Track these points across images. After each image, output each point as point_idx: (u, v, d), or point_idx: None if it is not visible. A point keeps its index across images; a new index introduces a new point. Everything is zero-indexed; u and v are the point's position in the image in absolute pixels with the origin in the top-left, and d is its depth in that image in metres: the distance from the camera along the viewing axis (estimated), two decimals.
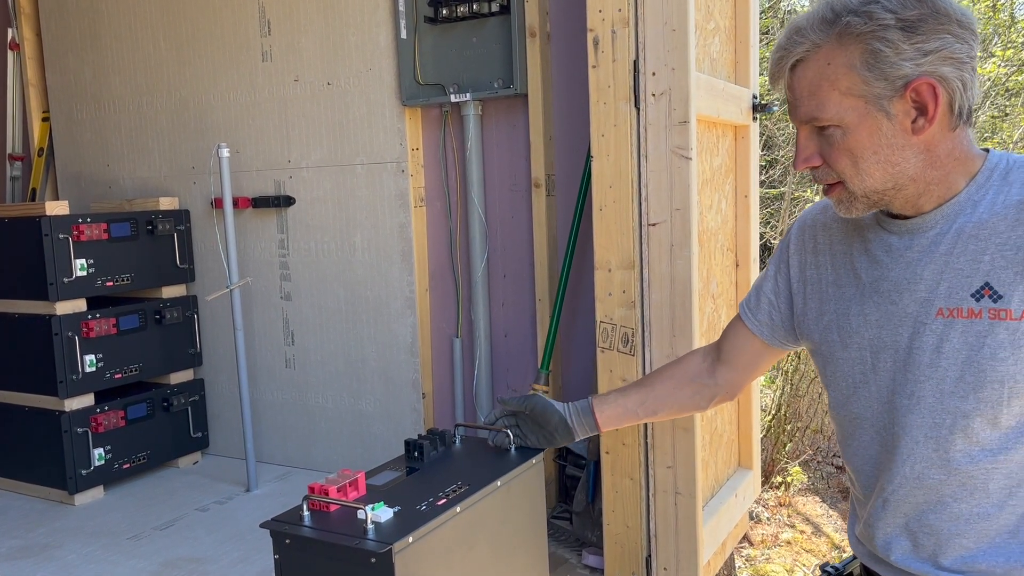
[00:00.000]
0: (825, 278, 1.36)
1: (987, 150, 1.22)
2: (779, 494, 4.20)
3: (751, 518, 3.89)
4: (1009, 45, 6.20)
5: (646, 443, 2.30)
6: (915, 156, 1.17)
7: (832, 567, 1.47)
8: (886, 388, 1.26)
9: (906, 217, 1.24)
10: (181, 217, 3.54)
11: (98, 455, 3.23)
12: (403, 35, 3.01)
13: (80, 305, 3.19)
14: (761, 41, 3.19)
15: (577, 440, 1.76)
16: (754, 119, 2.79)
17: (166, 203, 3.52)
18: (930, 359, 1.19)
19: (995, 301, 1.14)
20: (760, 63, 2.90)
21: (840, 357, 1.32)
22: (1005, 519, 1.19)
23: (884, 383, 1.26)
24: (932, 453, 1.21)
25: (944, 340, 1.18)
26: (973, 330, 1.15)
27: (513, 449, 1.83)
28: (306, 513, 1.57)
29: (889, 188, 1.19)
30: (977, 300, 1.15)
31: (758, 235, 2.92)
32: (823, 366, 1.38)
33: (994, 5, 6.37)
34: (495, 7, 2.83)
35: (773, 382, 4.78)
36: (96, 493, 3.26)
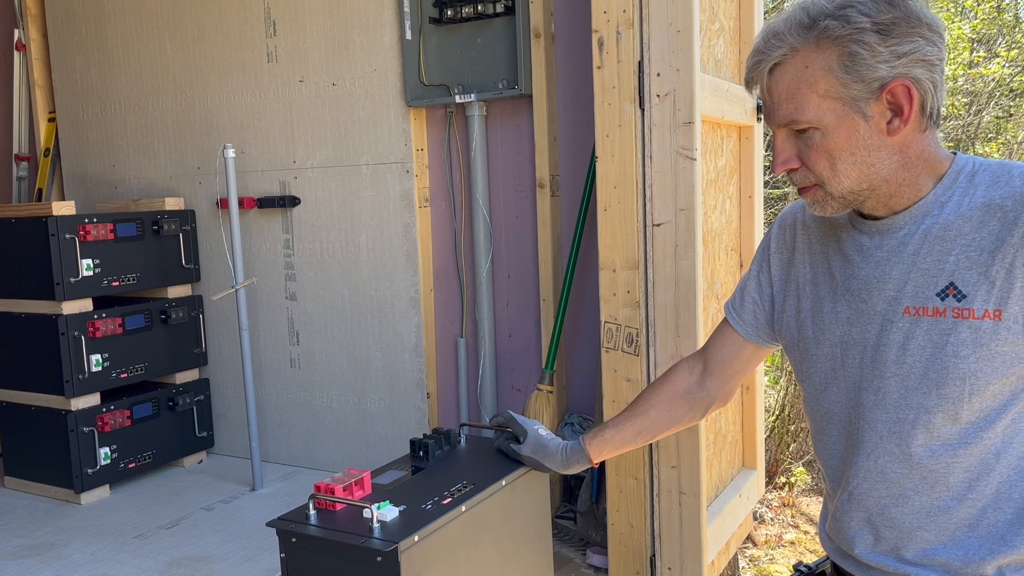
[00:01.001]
0: (803, 276, 1.39)
1: (955, 152, 1.25)
2: (783, 494, 4.20)
3: (755, 518, 3.89)
4: (1014, 45, 6.19)
5: (651, 443, 2.31)
6: (889, 157, 1.20)
7: (805, 567, 1.49)
8: (853, 384, 1.29)
9: (877, 218, 1.27)
10: (187, 217, 3.55)
11: (104, 454, 3.24)
12: (408, 36, 3.02)
13: (86, 305, 3.20)
14: None
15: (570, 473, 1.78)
16: (758, 120, 2.80)
17: (172, 203, 3.53)
18: (896, 356, 1.23)
19: (959, 300, 1.17)
20: None
21: (813, 354, 1.36)
22: (965, 512, 1.22)
23: (852, 379, 1.29)
24: (895, 447, 1.24)
25: (910, 338, 1.21)
26: (937, 328, 1.19)
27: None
28: (312, 512, 1.58)
29: (864, 189, 1.22)
30: (942, 299, 1.19)
31: (763, 235, 2.92)
32: (799, 362, 1.41)
33: (999, 6, 6.36)
34: (500, 8, 2.84)
35: (777, 382, 4.78)
36: (102, 492, 3.28)
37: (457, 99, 2.96)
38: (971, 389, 1.17)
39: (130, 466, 3.34)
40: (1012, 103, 6.25)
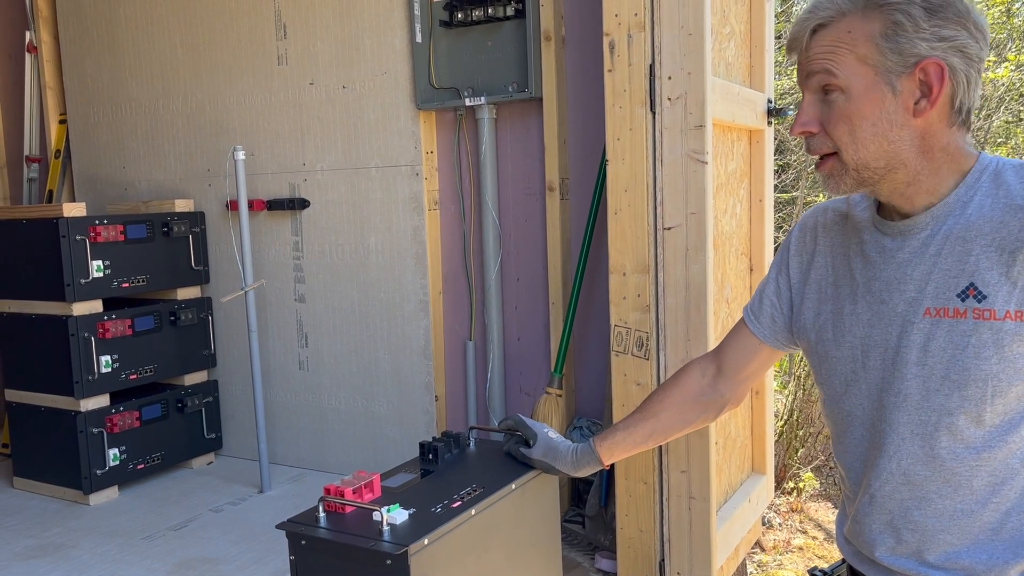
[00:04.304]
0: (824, 278, 1.39)
1: (980, 152, 1.25)
2: (791, 499, 4.18)
3: (763, 523, 3.88)
4: (1023, 50, 6.17)
5: (660, 447, 2.30)
6: (910, 139, 1.20)
7: (820, 571, 1.49)
8: (875, 386, 1.29)
9: (903, 217, 1.27)
10: (196, 219, 3.56)
11: (113, 455, 3.25)
12: (418, 39, 3.02)
13: (96, 306, 3.21)
14: (776, 45, 3.19)
15: (579, 475, 1.79)
16: (769, 123, 2.79)
17: (181, 205, 3.54)
18: (917, 357, 1.22)
19: (979, 301, 1.17)
20: (775, 67, 2.89)
21: (834, 356, 1.35)
22: (988, 517, 1.21)
23: (873, 381, 1.29)
24: (918, 450, 1.24)
25: (931, 339, 1.21)
26: (958, 329, 1.18)
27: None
28: (322, 514, 1.58)
29: (880, 166, 1.22)
30: (963, 300, 1.18)
31: (772, 239, 2.92)
32: (818, 365, 1.40)
33: (1008, 10, 6.34)
34: (510, 11, 2.84)
35: (785, 387, 4.76)
36: (111, 493, 3.28)
37: (467, 102, 2.97)
38: (993, 391, 1.17)
39: (139, 467, 3.35)
40: (1022, 108, 6.23)
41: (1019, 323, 1.14)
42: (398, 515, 1.55)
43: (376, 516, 1.53)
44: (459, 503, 1.63)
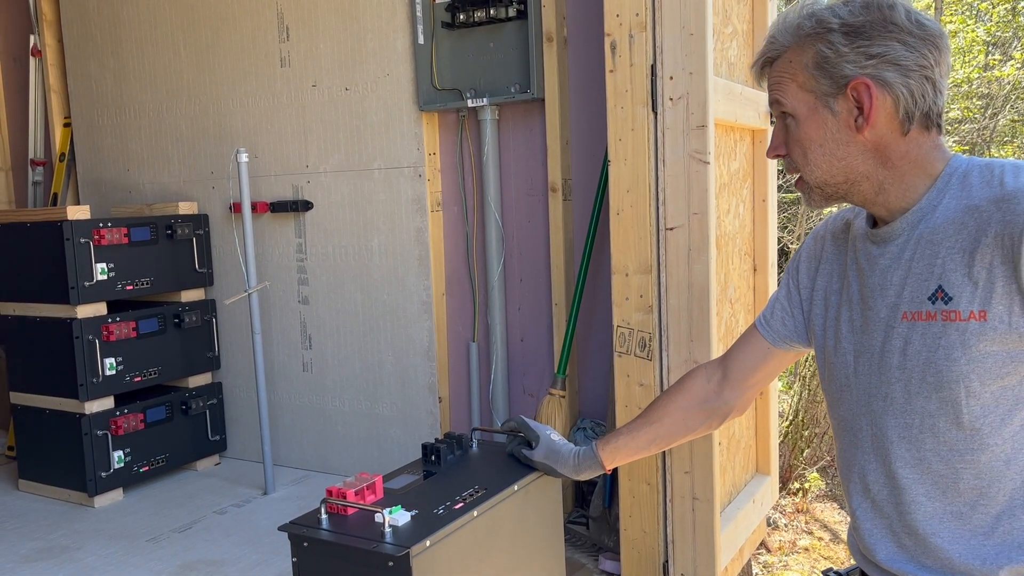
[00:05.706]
0: (829, 286, 1.42)
1: (954, 155, 1.27)
2: (796, 500, 4.17)
3: (768, 524, 3.87)
4: None
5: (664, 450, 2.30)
6: (861, 153, 1.25)
7: (836, 572, 1.50)
8: (864, 391, 1.31)
9: (887, 224, 1.30)
10: (200, 221, 3.57)
11: (117, 457, 3.25)
12: (420, 40, 3.02)
13: (100, 309, 3.22)
14: None
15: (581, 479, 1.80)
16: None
17: (185, 208, 3.55)
18: (898, 362, 1.25)
19: (946, 303, 1.19)
20: None
21: (833, 362, 1.38)
22: (979, 520, 1.22)
23: (863, 386, 1.32)
24: (905, 452, 1.26)
25: (908, 343, 1.23)
26: (930, 332, 1.21)
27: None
28: (324, 516, 1.59)
29: (840, 182, 1.28)
30: (933, 303, 1.21)
31: (776, 240, 2.91)
32: (822, 370, 1.43)
33: (1013, 8, 6.33)
34: (512, 12, 2.84)
35: (791, 388, 4.75)
36: (115, 495, 3.29)
37: (469, 103, 2.97)
38: (966, 391, 1.18)
39: (143, 469, 3.35)
40: None
41: (982, 323, 1.16)
42: (400, 517, 1.55)
43: (378, 518, 1.53)
44: (461, 504, 1.63)
